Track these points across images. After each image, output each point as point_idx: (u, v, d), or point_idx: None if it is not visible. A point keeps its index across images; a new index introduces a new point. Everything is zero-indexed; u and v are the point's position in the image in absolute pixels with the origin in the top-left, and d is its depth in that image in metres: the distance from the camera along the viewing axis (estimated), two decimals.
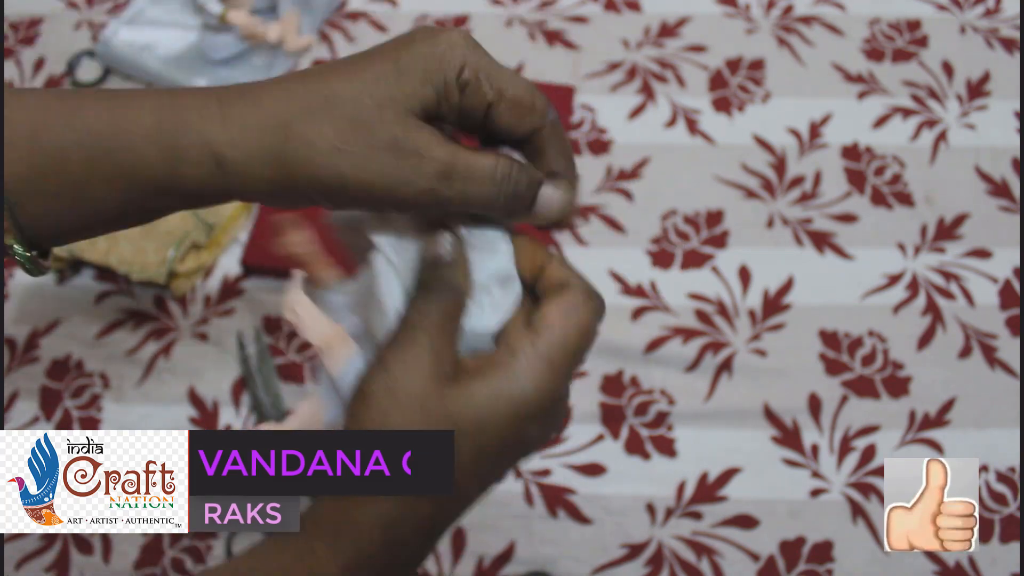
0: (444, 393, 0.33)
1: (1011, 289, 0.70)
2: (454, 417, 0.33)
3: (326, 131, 0.32)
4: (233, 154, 0.33)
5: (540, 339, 0.34)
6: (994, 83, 0.80)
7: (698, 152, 0.77)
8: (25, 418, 0.66)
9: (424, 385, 0.33)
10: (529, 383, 0.33)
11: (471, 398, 0.33)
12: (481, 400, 0.33)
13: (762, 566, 0.60)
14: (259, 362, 0.67)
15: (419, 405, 0.33)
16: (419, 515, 0.34)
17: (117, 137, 0.33)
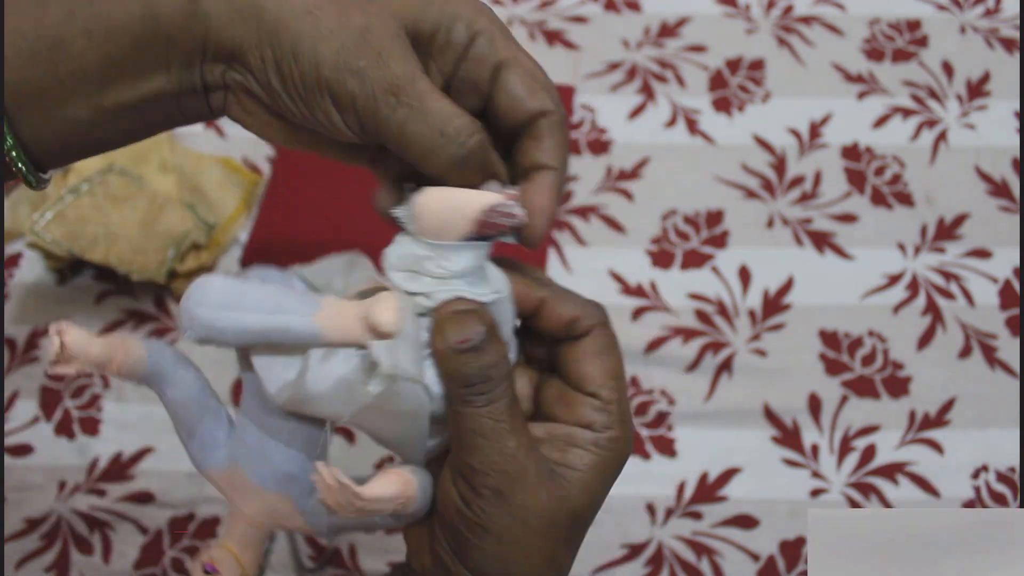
0: (564, 496, 0.34)
1: (1011, 289, 0.70)
2: (578, 513, 0.34)
3: (323, 28, 0.31)
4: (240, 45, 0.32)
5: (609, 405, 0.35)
6: (994, 83, 0.80)
7: (698, 152, 0.77)
8: (25, 418, 0.66)
9: (546, 499, 0.33)
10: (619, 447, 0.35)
11: (584, 487, 0.35)
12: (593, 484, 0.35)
13: (762, 566, 0.60)
14: None
15: (551, 522, 0.33)
16: None
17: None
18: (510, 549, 0.32)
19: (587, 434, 0.34)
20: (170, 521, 0.62)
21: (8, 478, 0.64)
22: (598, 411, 0.34)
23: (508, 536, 0.32)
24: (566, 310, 0.35)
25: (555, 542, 0.33)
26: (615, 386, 0.35)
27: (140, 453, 0.65)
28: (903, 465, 0.63)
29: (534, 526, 0.32)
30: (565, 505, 0.33)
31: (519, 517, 0.32)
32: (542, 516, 0.33)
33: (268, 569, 0.61)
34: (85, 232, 0.69)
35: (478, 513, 0.32)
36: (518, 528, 0.32)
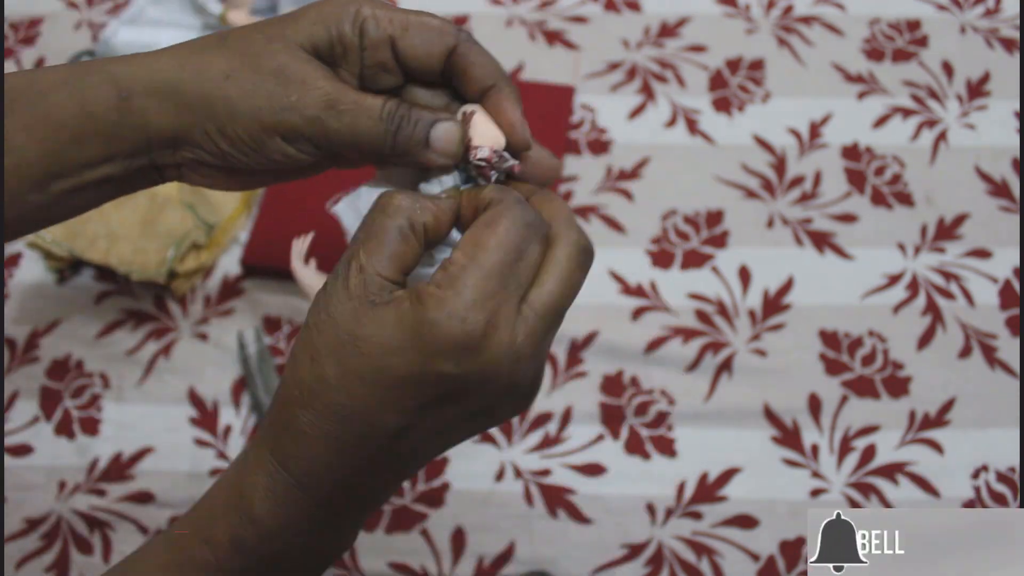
0: (358, 316, 0.32)
1: (1011, 289, 0.70)
2: (361, 341, 0.31)
3: (217, 61, 0.34)
4: (135, 87, 0.34)
5: (452, 264, 0.31)
6: (994, 83, 0.80)
7: (698, 152, 0.77)
8: (25, 418, 0.66)
9: (346, 307, 0.32)
10: (436, 311, 0.30)
11: (380, 324, 0.31)
12: (389, 326, 0.31)
13: (762, 566, 0.60)
14: (259, 362, 0.67)
15: (334, 325, 0.32)
16: (328, 434, 0.32)
17: (32, 87, 0.35)
18: (306, 332, 0.33)
19: (419, 287, 0.32)
20: (170, 521, 0.62)
21: (8, 478, 0.64)
22: (442, 270, 0.32)
23: (309, 318, 0.33)
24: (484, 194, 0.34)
25: (326, 349, 0.32)
26: (475, 263, 0.31)
27: (140, 453, 0.65)
28: (903, 465, 0.63)
29: (323, 321, 0.32)
30: (350, 325, 0.32)
31: (319, 309, 0.33)
32: (333, 320, 0.32)
33: None
34: (85, 232, 0.69)
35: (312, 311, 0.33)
36: (314, 317, 0.33)
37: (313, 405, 0.32)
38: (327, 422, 0.32)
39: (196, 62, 0.34)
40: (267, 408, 0.34)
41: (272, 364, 0.67)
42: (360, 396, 0.32)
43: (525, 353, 0.32)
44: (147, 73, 0.35)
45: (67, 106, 0.34)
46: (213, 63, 0.34)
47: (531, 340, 0.32)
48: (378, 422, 0.32)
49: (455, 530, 0.62)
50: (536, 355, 0.32)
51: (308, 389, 0.32)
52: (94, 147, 0.35)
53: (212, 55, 0.35)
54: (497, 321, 0.31)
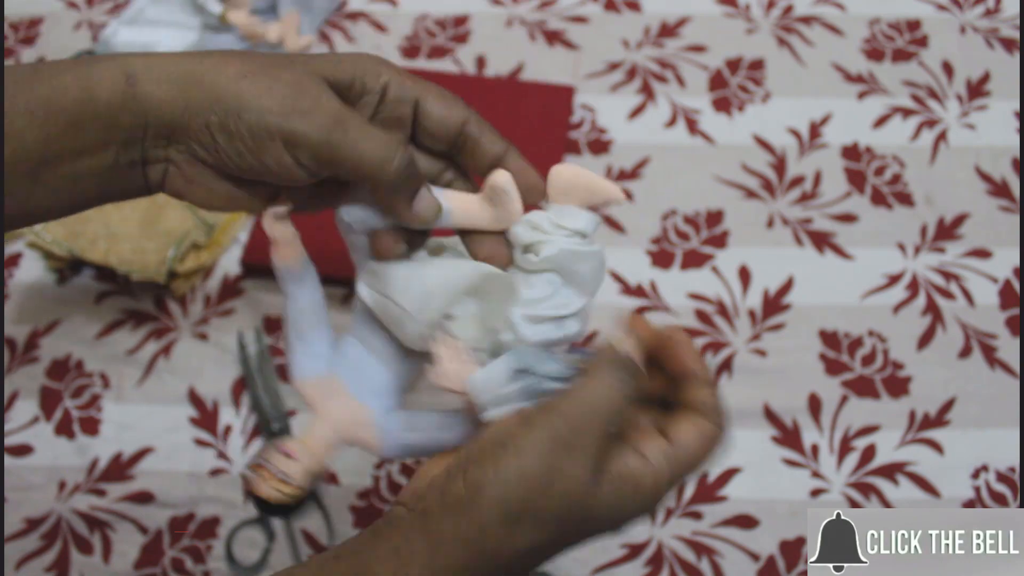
0: (594, 492, 0.35)
1: (1011, 289, 0.70)
2: (589, 519, 0.36)
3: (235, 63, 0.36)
4: (145, 74, 0.35)
5: (675, 455, 0.37)
6: (994, 83, 0.80)
7: (698, 152, 0.77)
8: (25, 418, 0.66)
9: (581, 481, 0.35)
10: (651, 501, 0.37)
11: (611, 510, 0.36)
12: (615, 512, 0.36)
13: (762, 566, 0.60)
14: (259, 362, 0.67)
15: (570, 498, 0.35)
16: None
17: (37, 74, 0.35)
18: (522, 492, 0.34)
19: (638, 471, 0.37)
20: (170, 521, 0.62)
21: (8, 478, 0.64)
22: (663, 456, 0.37)
23: (531, 471, 0.34)
24: (690, 360, 0.40)
25: (553, 525, 0.35)
26: (686, 461, 0.37)
27: (140, 453, 0.65)
28: (903, 465, 0.63)
29: (554, 495, 0.34)
30: (585, 506, 0.35)
31: (549, 473, 0.34)
32: (569, 496, 0.35)
33: (268, 569, 0.61)
34: (85, 232, 0.69)
35: (520, 433, 0.35)
36: (542, 481, 0.34)
37: (517, 563, 0.35)
38: (510, 572, 0.35)
39: (214, 60, 0.36)
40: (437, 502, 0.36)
41: (272, 364, 0.67)
42: (555, 553, 0.36)
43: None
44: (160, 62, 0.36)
45: (71, 89, 0.35)
46: (231, 63, 0.36)
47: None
48: (541, 561, 0.37)
49: None
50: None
51: (521, 550, 0.35)
52: (92, 132, 0.35)
53: (232, 58, 0.36)
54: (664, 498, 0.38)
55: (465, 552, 0.34)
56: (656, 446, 0.37)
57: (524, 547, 0.34)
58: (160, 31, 0.83)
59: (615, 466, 0.36)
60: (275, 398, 0.66)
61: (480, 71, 0.82)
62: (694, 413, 0.39)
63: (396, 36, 0.84)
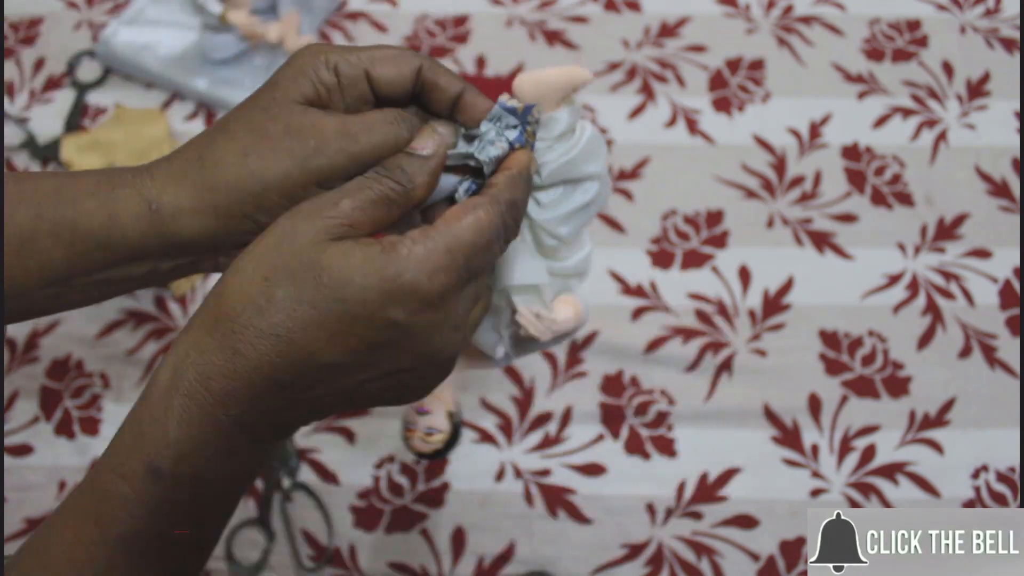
0: (323, 247, 0.32)
1: (1011, 289, 0.70)
2: (323, 270, 0.32)
3: (229, 145, 0.35)
4: (164, 197, 0.35)
5: (432, 228, 0.33)
6: (994, 83, 0.80)
7: (698, 152, 0.77)
8: (25, 418, 0.66)
9: (311, 235, 0.33)
10: (407, 263, 0.32)
11: (347, 258, 0.32)
12: (355, 262, 0.32)
13: (762, 566, 0.60)
14: None
15: (295, 250, 0.32)
16: (265, 360, 0.32)
17: (60, 194, 0.35)
18: (259, 248, 0.33)
19: (393, 238, 0.33)
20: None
21: (8, 478, 0.64)
22: (421, 230, 0.34)
23: (266, 239, 0.33)
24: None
25: (283, 279, 0.32)
26: (455, 232, 0.33)
27: None
28: (903, 465, 0.63)
29: (281, 248, 0.33)
30: (314, 253, 0.32)
31: (276, 232, 0.33)
32: (293, 245, 0.33)
33: (268, 569, 0.61)
34: None
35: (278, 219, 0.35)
36: (274, 238, 0.33)
37: (255, 324, 0.32)
38: (264, 344, 0.32)
39: (211, 154, 0.36)
40: (192, 317, 0.34)
41: None
42: (308, 325, 0.32)
43: (459, 325, 0.35)
44: (173, 182, 0.36)
45: (96, 215, 0.35)
46: (228, 148, 0.36)
47: (464, 318, 0.35)
48: (317, 353, 0.32)
49: (455, 530, 0.62)
50: (461, 329, 0.35)
51: (254, 307, 0.32)
52: (121, 252, 0.36)
53: (223, 141, 0.36)
54: (450, 289, 0.33)
55: (213, 321, 0.33)
56: (416, 230, 0.34)
57: (257, 302, 0.32)
58: (160, 31, 0.83)
59: (364, 241, 0.33)
60: None
61: (480, 71, 0.82)
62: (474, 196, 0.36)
63: (396, 36, 0.84)
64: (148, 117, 0.78)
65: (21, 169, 0.77)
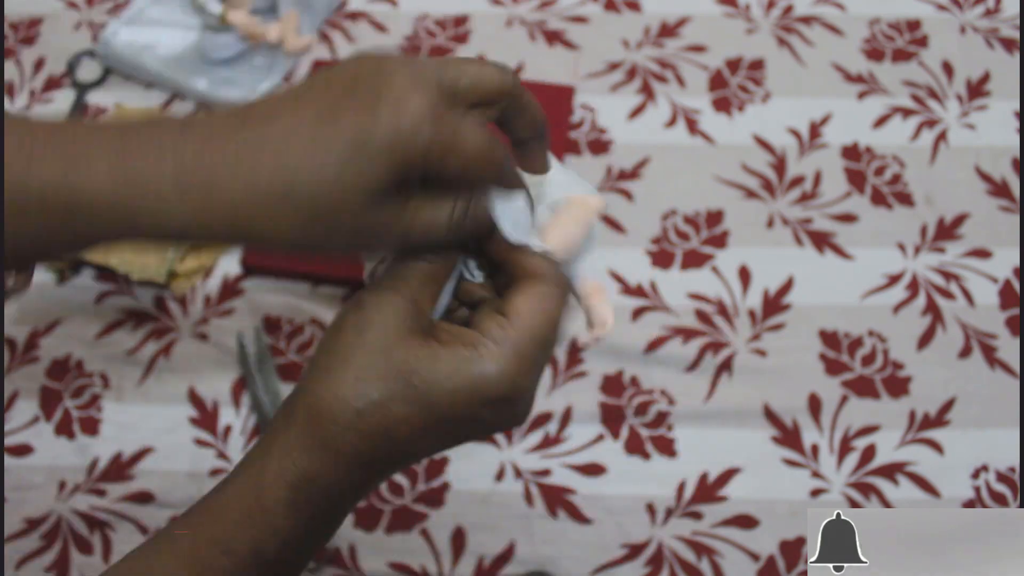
0: (410, 345, 0.33)
1: (1011, 289, 0.70)
2: (414, 372, 0.33)
3: (283, 225, 0.31)
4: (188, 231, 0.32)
5: (510, 327, 0.34)
6: (994, 83, 0.80)
7: (698, 152, 0.77)
8: (25, 418, 0.66)
9: (394, 332, 0.33)
10: (493, 367, 0.33)
11: (435, 361, 0.33)
12: (443, 366, 0.33)
13: (762, 566, 0.60)
14: (259, 362, 0.67)
15: (383, 349, 0.33)
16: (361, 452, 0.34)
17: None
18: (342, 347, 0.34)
19: (476, 335, 0.34)
20: (170, 521, 0.62)
21: (8, 478, 0.64)
22: (498, 327, 0.34)
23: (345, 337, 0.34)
24: (528, 260, 0.36)
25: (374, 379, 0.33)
26: (530, 326, 0.34)
27: (140, 453, 0.65)
28: (903, 465, 0.63)
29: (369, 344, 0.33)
30: (404, 353, 0.33)
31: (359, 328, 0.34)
32: (382, 342, 0.33)
33: None
34: None
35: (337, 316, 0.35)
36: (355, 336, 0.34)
37: (355, 426, 0.33)
38: (364, 444, 0.34)
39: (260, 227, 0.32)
40: (283, 414, 0.35)
41: (272, 364, 0.67)
42: (403, 423, 0.34)
43: (534, 393, 0.36)
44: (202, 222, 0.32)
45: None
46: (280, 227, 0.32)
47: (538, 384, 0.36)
48: (412, 449, 0.35)
49: (455, 530, 0.62)
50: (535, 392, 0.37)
51: (352, 411, 0.33)
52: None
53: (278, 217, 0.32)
54: (532, 383, 0.35)
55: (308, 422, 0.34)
56: (492, 323, 0.34)
57: (355, 403, 0.33)
58: (160, 31, 0.83)
59: (440, 334, 0.34)
60: (275, 398, 0.66)
61: None
62: (529, 280, 0.36)
63: (396, 36, 0.84)
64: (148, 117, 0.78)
65: None
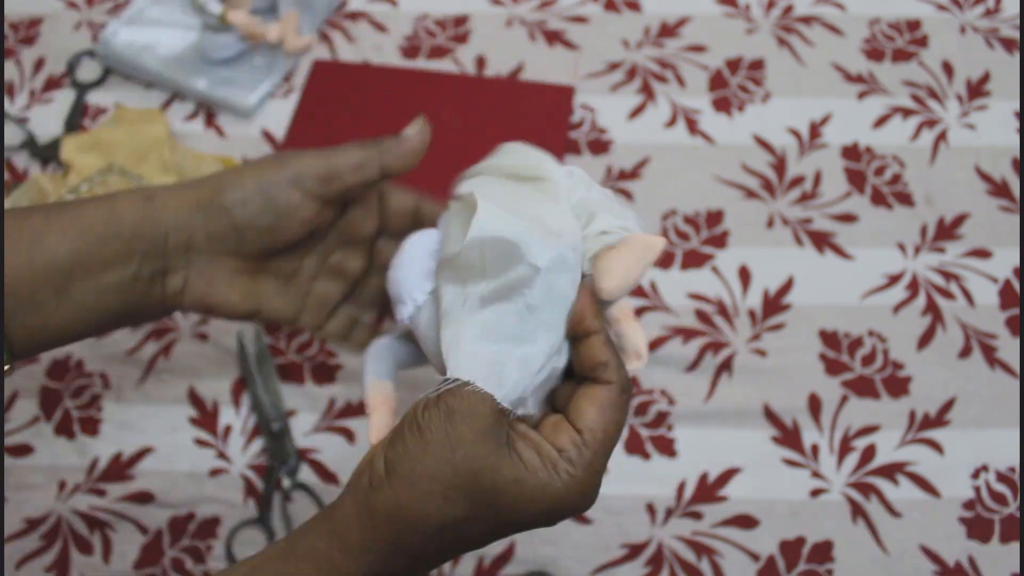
0: (498, 467, 0.35)
1: (1011, 289, 0.70)
2: (498, 494, 0.35)
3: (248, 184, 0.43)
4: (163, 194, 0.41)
5: (585, 447, 0.36)
6: (994, 83, 0.80)
7: (698, 152, 0.77)
8: (25, 418, 0.66)
9: (482, 451, 0.35)
10: (573, 489, 0.35)
11: (521, 485, 0.35)
12: (527, 490, 0.35)
13: (762, 566, 0.60)
14: (259, 362, 0.67)
15: (472, 470, 0.35)
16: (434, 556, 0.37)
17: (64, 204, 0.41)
18: (430, 460, 0.35)
19: (554, 454, 0.36)
20: (170, 521, 0.62)
21: (8, 478, 0.64)
22: (574, 445, 0.36)
23: (434, 449, 0.35)
24: (601, 353, 0.38)
25: (461, 500, 0.35)
26: (602, 440, 0.37)
27: (140, 453, 0.65)
28: (903, 465, 0.63)
29: (457, 465, 0.35)
30: (491, 476, 0.35)
31: (450, 444, 0.35)
32: (470, 464, 0.35)
33: None
34: None
35: (421, 417, 0.36)
36: (445, 451, 0.35)
37: (436, 538, 0.35)
38: (442, 554, 0.36)
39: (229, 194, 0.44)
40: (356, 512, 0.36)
41: (272, 364, 0.67)
42: (482, 537, 0.36)
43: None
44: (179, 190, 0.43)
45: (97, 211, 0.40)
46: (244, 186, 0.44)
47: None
48: (477, 545, 0.37)
49: None
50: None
51: (436, 526, 0.35)
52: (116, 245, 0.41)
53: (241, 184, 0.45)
54: (600, 484, 0.37)
55: (388, 527, 0.35)
56: (566, 438, 0.37)
57: (439, 521, 0.35)
58: (160, 31, 0.83)
59: (520, 445, 0.36)
60: (275, 398, 0.66)
61: (480, 71, 0.82)
62: (591, 385, 0.38)
63: (396, 36, 0.84)
64: (148, 117, 0.78)
65: (21, 170, 0.77)
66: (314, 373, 0.67)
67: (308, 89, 0.80)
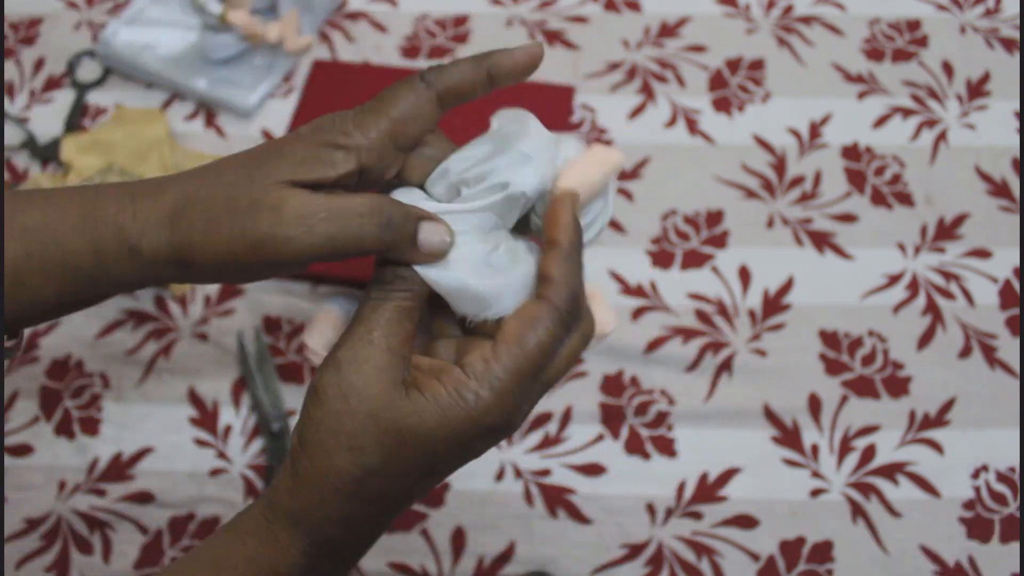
0: (395, 405, 0.34)
1: (1011, 289, 0.70)
2: (404, 430, 0.34)
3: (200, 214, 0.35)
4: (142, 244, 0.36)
5: (494, 360, 0.34)
6: (994, 83, 0.80)
7: (698, 152, 0.77)
8: (25, 418, 0.66)
9: (376, 392, 0.34)
10: (480, 407, 0.33)
11: (422, 415, 0.34)
12: (431, 417, 0.34)
13: (762, 566, 0.60)
14: (259, 362, 0.67)
15: (369, 413, 0.34)
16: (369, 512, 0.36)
17: (48, 231, 0.36)
18: (328, 417, 0.34)
19: (460, 377, 0.34)
20: (170, 521, 0.62)
21: (8, 478, 0.64)
22: (482, 359, 0.34)
23: (330, 404, 0.34)
24: (547, 266, 0.35)
25: (370, 448, 0.34)
26: (518, 355, 0.34)
27: (140, 453, 0.65)
28: (903, 465, 0.63)
29: (355, 413, 0.34)
30: (390, 415, 0.34)
31: (343, 395, 0.34)
32: (368, 408, 0.34)
33: None
34: None
35: (318, 380, 0.35)
36: (339, 403, 0.34)
37: (359, 494, 0.34)
38: (371, 506, 0.35)
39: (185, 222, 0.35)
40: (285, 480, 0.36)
41: (272, 364, 0.67)
42: (405, 479, 0.35)
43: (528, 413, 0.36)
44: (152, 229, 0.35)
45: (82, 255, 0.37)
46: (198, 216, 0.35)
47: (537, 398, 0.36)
48: (414, 493, 0.36)
49: (455, 530, 0.62)
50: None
51: (352, 478, 0.34)
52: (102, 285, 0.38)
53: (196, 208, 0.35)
54: (524, 409, 0.35)
55: (312, 492, 0.35)
56: (477, 355, 0.34)
57: (354, 473, 0.34)
58: (160, 31, 0.83)
59: (420, 376, 0.35)
60: (275, 398, 0.66)
61: None
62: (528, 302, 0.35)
63: (396, 36, 0.84)
64: (148, 117, 0.78)
65: (21, 170, 0.77)
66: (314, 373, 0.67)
67: (308, 89, 0.80)
